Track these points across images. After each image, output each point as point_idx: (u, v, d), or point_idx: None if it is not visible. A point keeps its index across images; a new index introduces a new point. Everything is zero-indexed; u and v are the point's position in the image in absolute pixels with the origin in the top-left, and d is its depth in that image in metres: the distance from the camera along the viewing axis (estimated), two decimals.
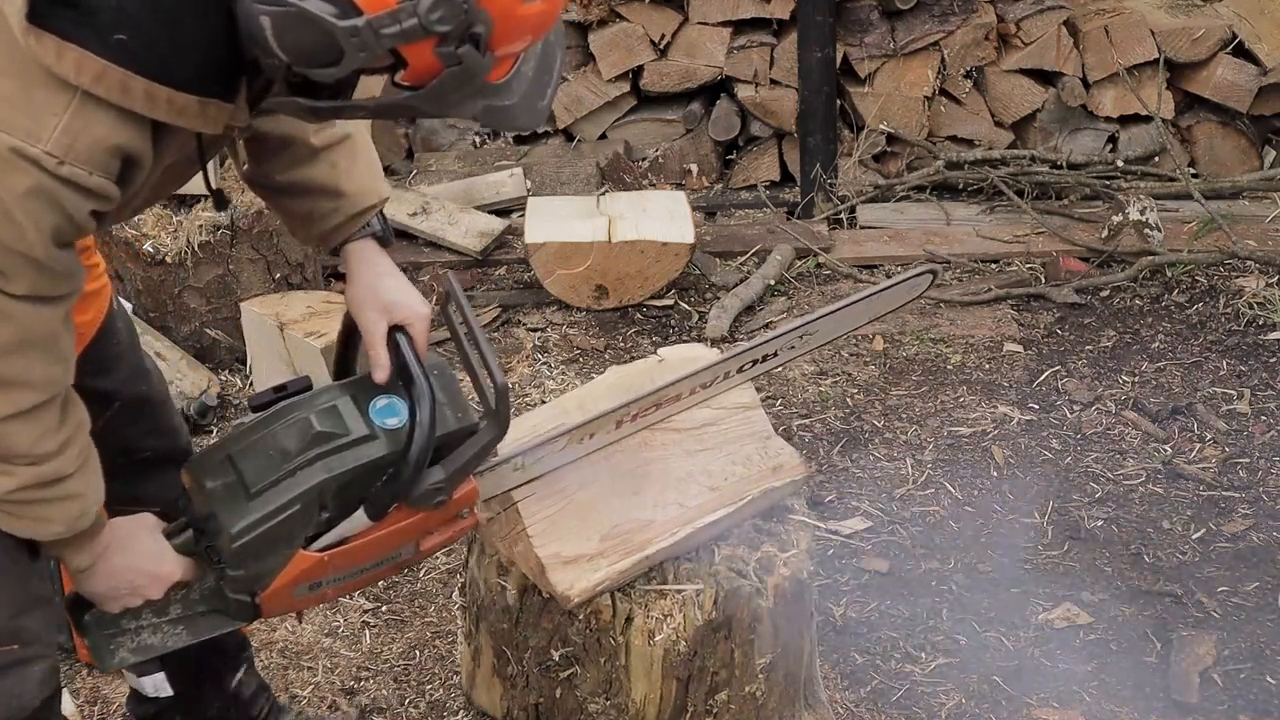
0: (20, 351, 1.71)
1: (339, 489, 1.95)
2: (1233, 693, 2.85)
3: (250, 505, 1.93)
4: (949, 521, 3.39)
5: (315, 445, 1.94)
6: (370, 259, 2.10)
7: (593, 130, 5.30)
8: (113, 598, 1.97)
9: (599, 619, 2.34)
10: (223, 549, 1.95)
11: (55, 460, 1.78)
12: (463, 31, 1.58)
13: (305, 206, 2.10)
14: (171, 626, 2.03)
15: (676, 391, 2.46)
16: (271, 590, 1.99)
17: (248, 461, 1.95)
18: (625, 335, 4.31)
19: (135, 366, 2.28)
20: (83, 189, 1.65)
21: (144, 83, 1.63)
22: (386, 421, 1.98)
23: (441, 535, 2.12)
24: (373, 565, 2.06)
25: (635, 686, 2.38)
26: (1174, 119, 5.14)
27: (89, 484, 1.85)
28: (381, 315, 2.05)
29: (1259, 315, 4.21)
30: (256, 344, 4.00)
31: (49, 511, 1.83)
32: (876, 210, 5.03)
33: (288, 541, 1.96)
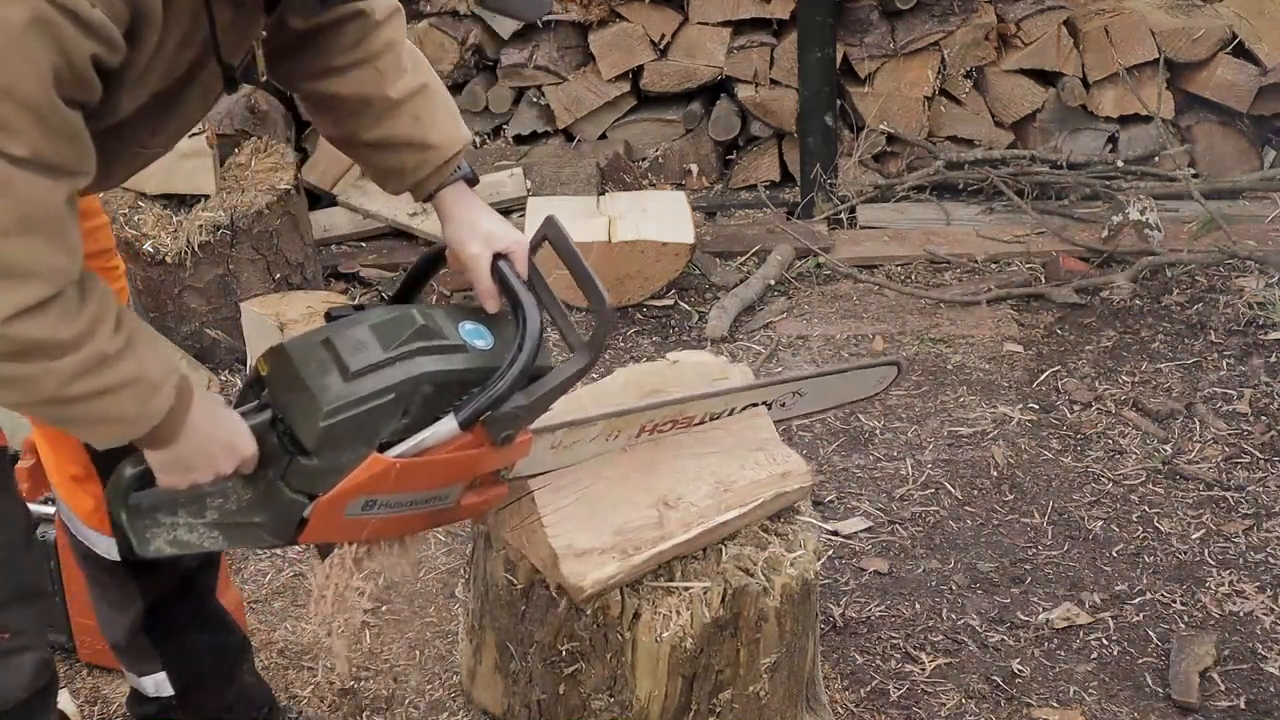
0: (22, 233, 1.57)
1: (430, 391, 1.94)
2: (1233, 693, 2.85)
3: (347, 386, 1.89)
4: (949, 521, 3.39)
5: (417, 339, 1.94)
6: (464, 199, 2.14)
7: (593, 130, 5.30)
8: (184, 469, 1.88)
9: (607, 614, 2.34)
10: (307, 431, 1.90)
11: (90, 342, 1.66)
12: None
13: (395, 161, 2.12)
14: (208, 529, 1.98)
15: (693, 411, 2.50)
16: (331, 495, 1.94)
17: (347, 345, 1.93)
18: (625, 335, 4.31)
19: None
20: (82, 21, 1.52)
21: None
22: (476, 342, 2.00)
23: (479, 495, 2.12)
24: (423, 499, 2.03)
25: (640, 683, 2.38)
26: (1174, 119, 5.15)
27: (145, 363, 1.73)
28: (485, 247, 2.09)
29: (1259, 315, 4.21)
30: (256, 344, 4.00)
31: (117, 403, 1.71)
32: (876, 210, 5.04)
33: (369, 436, 1.92)
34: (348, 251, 4.85)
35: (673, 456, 2.49)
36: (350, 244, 4.91)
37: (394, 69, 2.06)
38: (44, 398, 1.67)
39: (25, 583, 2.02)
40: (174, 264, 4.03)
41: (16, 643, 1.97)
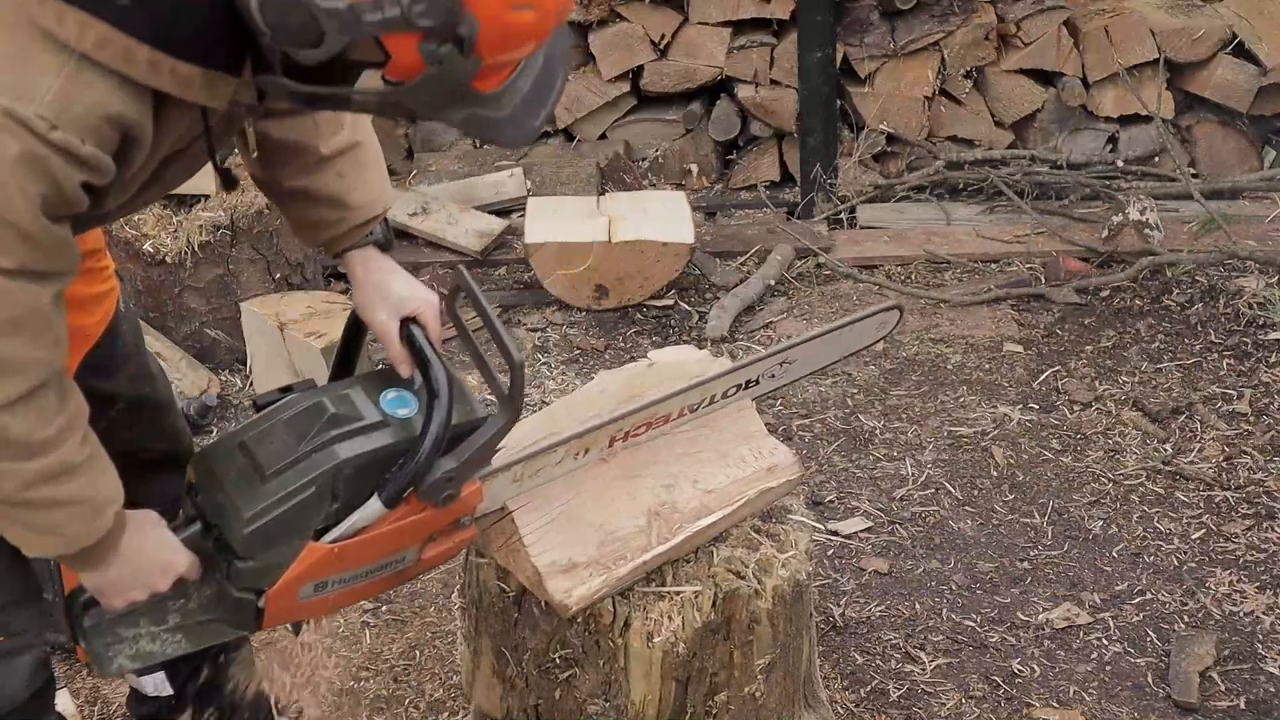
0: (8, 334, 1.64)
1: (352, 474, 1.93)
2: (1233, 693, 2.85)
3: (265, 488, 1.91)
4: (949, 521, 3.39)
5: (330, 428, 1.93)
6: (373, 264, 2.10)
7: (593, 130, 5.30)
8: (119, 592, 1.92)
9: (598, 622, 2.33)
10: (235, 536, 1.93)
11: (58, 449, 1.71)
12: (447, 30, 1.54)
13: (311, 214, 2.09)
14: (170, 634, 2.01)
15: (666, 410, 2.44)
16: (278, 587, 1.97)
17: (261, 446, 1.94)
18: (625, 335, 4.31)
19: (140, 369, 2.27)
20: (75, 158, 1.59)
21: (148, 50, 1.58)
22: (398, 412, 1.98)
23: (442, 545, 2.10)
24: (377, 568, 2.04)
25: (634, 688, 2.37)
26: (1174, 119, 5.15)
27: (98, 483, 1.79)
28: (392, 313, 2.05)
29: (1259, 315, 4.21)
30: (256, 344, 4.01)
31: (60, 516, 1.76)
32: (876, 210, 5.04)
33: (299, 530, 1.94)
34: None
35: (654, 460, 2.45)
36: None
37: (331, 122, 2.04)
38: (1, 497, 1.72)
39: (25, 585, 2.03)
40: (174, 264, 4.03)
41: (15, 644, 1.97)
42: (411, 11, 1.52)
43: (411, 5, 1.52)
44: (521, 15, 1.58)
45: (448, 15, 1.53)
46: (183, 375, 3.92)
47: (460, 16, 1.54)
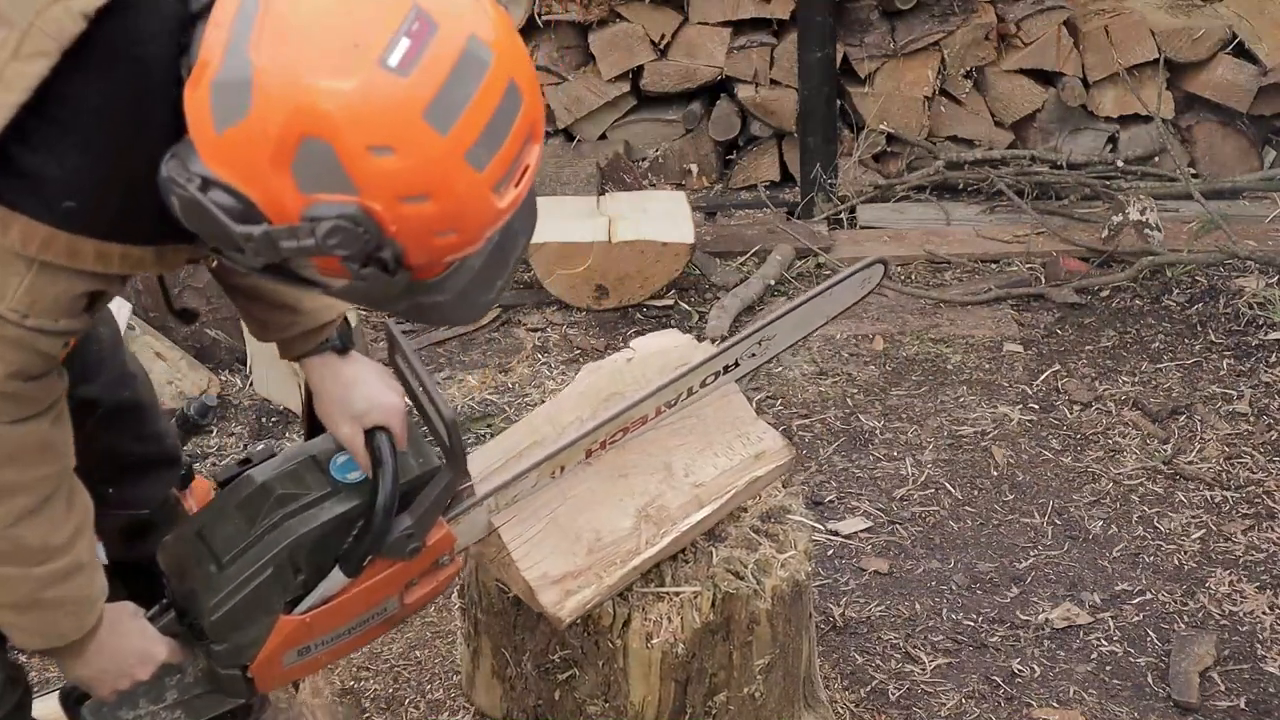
0: (10, 463, 1.70)
1: (309, 548, 1.94)
2: (1233, 693, 2.85)
3: (222, 576, 1.93)
4: (949, 521, 3.39)
5: (278, 508, 1.94)
6: (332, 372, 2.02)
7: (593, 130, 5.30)
8: (102, 681, 1.94)
9: (597, 623, 2.33)
10: (204, 624, 1.96)
11: (72, 551, 1.77)
12: (367, 255, 1.49)
13: (259, 314, 2.04)
14: (169, 712, 2.03)
15: (642, 413, 2.41)
16: (260, 661, 1.99)
17: (215, 534, 1.96)
18: (625, 335, 4.31)
19: (119, 371, 2.25)
20: (50, 333, 1.65)
21: (94, 244, 1.59)
22: (348, 476, 1.98)
23: (425, 587, 2.10)
24: (359, 624, 2.05)
25: (634, 689, 2.38)
26: (1174, 119, 5.15)
27: (96, 579, 1.84)
28: (355, 426, 1.98)
29: (1259, 315, 4.21)
30: (256, 344, 4.00)
31: (62, 614, 1.81)
32: (876, 210, 5.03)
33: (266, 608, 1.96)
34: None
35: (641, 458, 2.43)
36: None
37: None
38: (13, 600, 1.77)
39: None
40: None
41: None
42: (325, 243, 1.46)
43: (325, 238, 1.46)
44: (447, 239, 1.52)
45: (365, 246, 1.47)
46: (183, 375, 3.92)
47: (381, 244, 1.48)
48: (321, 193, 1.45)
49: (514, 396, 3.94)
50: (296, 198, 1.46)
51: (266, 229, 1.48)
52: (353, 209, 1.45)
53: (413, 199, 1.46)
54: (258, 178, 1.46)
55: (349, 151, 1.43)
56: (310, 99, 1.41)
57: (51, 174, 1.56)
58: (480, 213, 1.52)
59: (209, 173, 1.49)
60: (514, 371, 4.07)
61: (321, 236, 1.46)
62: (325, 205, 1.45)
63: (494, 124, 1.48)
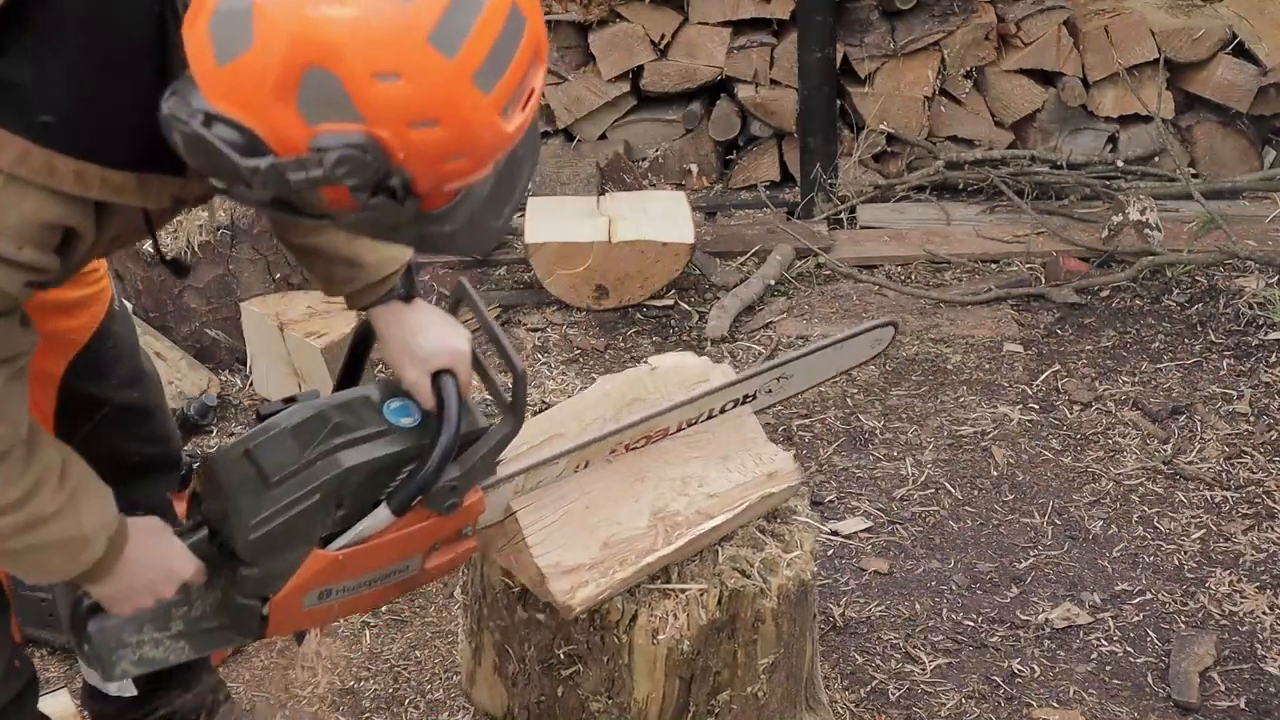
0: None
1: (358, 482, 1.94)
2: (1233, 693, 2.85)
3: (270, 495, 1.91)
4: (949, 521, 3.39)
5: (334, 436, 1.93)
6: (399, 318, 2.04)
7: (593, 130, 5.30)
8: (125, 598, 1.91)
9: (604, 618, 2.34)
10: (240, 544, 1.93)
11: (26, 507, 1.72)
12: (376, 184, 1.48)
13: (325, 270, 2.05)
14: (173, 641, 2.01)
15: (665, 424, 2.45)
16: (283, 595, 1.97)
17: (266, 454, 1.93)
18: (625, 335, 4.31)
19: (131, 372, 2.24)
20: (12, 263, 1.58)
21: (72, 162, 1.56)
22: (401, 421, 1.98)
23: (445, 555, 2.11)
24: (381, 577, 2.05)
25: (638, 685, 2.38)
26: (1174, 119, 5.15)
27: (81, 519, 1.79)
28: (422, 370, 1.99)
29: (1259, 315, 4.21)
30: (256, 344, 4.01)
31: (45, 557, 1.78)
32: (876, 210, 5.04)
33: (304, 537, 1.94)
34: None
35: (658, 464, 2.46)
36: None
37: None
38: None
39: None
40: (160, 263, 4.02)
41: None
42: (334, 173, 1.45)
43: (334, 168, 1.45)
44: (456, 164, 1.51)
45: (374, 174, 1.47)
46: (183, 375, 3.92)
47: (390, 172, 1.47)
48: (328, 122, 1.44)
49: None
50: (302, 129, 1.45)
51: (273, 161, 1.47)
52: (360, 137, 1.44)
53: (421, 125, 1.45)
54: (262, 110, 1.45)
55: (354, 79, 1.42)
56: (313, 28, 1.40)
57: (29, 84, 1.53)
58: (489, 137, 1.50)
59: (211, 108, 1.47)
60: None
61: (330, 166, 1.45)
62: (332, 135, 1.44)
63: (499, 46, 1.46)
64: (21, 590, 2.77)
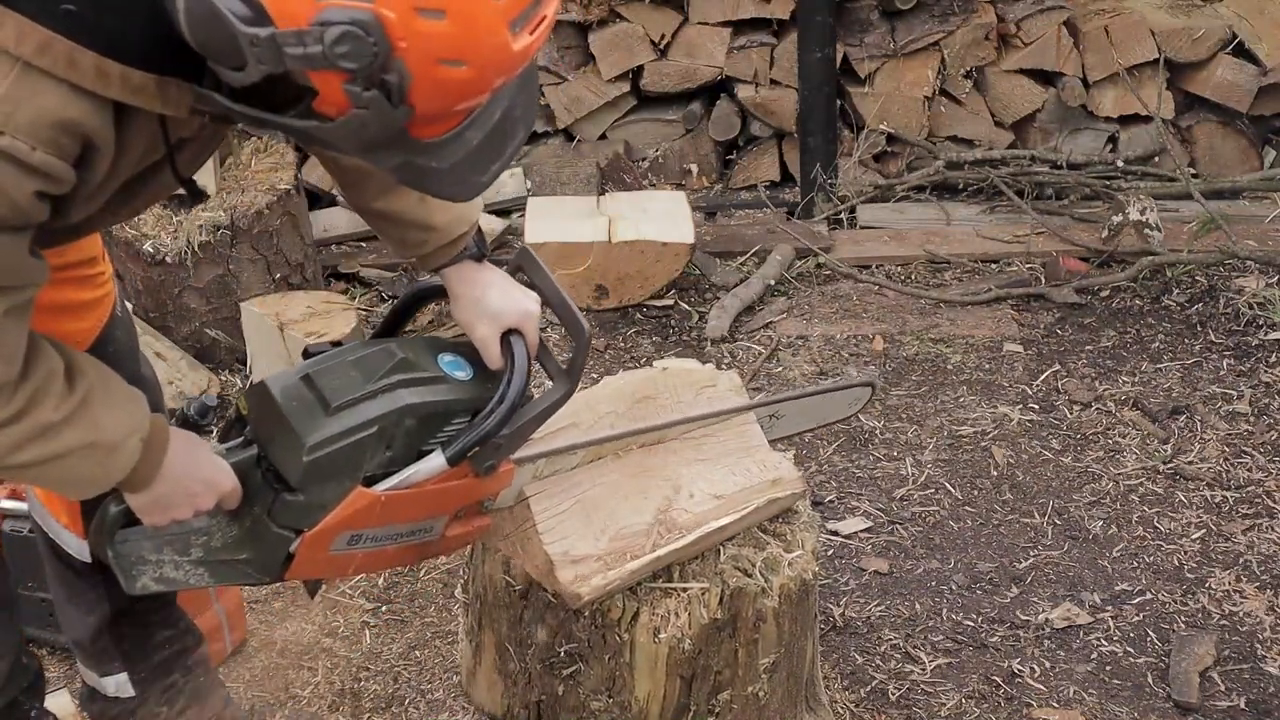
0: None
1: (411, 424, 1.94)
2: (1233, 693, 2.85)
3: (329, 421, 1.90)
4: (949, 521, 3.39)
5: (397, 372, 1.94)
6: (470, 277, 2.08)
7: (593, 130, 5.30)
8: (164, 508, 1.88)
9: (605, 616, 2.34)
10: (290, 467, 1.92)
11: (28, 417, 1.67)
12: (372, 74, 1.46)
13: (397, 234, 2.08)
14: (193, 566, 2.00)
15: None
16: (318, 530, 1.95)
17: (327, 380, 1.93)
18: (625, 335, 4.31)
19: (131, 377, 2.20)
20: (24, 165, 1.51)
21: (93, 56, 1.51)
22: (455, 374, 2.01)
23: (464, 525, 2.13)
24: (408, 533, 2.05)
25: (639, 684, 2.38)
26: (1174, 119, 5.15)
27: (101, 426, 1.73)
28: (493, 327, 2.04)
29: (1259, 315, 4.21)
30: (256, 344, 4.01)
31: (70, 467, 1.72)
32: (876, 210, 5.04)
33: (353, 470, 1.93)
34: (348, 251, 4.85)
35: (666, 463, 2.48)
36: (350, 244, 4.90)
37: None
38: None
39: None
40: (174, 264, 4.03)
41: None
42: (333, 51, 1.43)
43: (333, 45, 1.42)
44: (455, 71, 1.48)
45: (373, 61, 1.44)
46: (183, 375, 3.92)
47: (389, 63, 1.45)
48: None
49: None
50: (309, 1, 1.44)
51: (274, 31, 1.44)
52: (365, 15, 1.42)
53: (428, 13, 1.44)
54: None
55: None
56: None
57: None
58: (493, 47, 1.48)
59: None
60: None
61: (330, 43, 1.42)
62: (338, 10, 1.43)
63: None
64: (22, 590, 2.77)
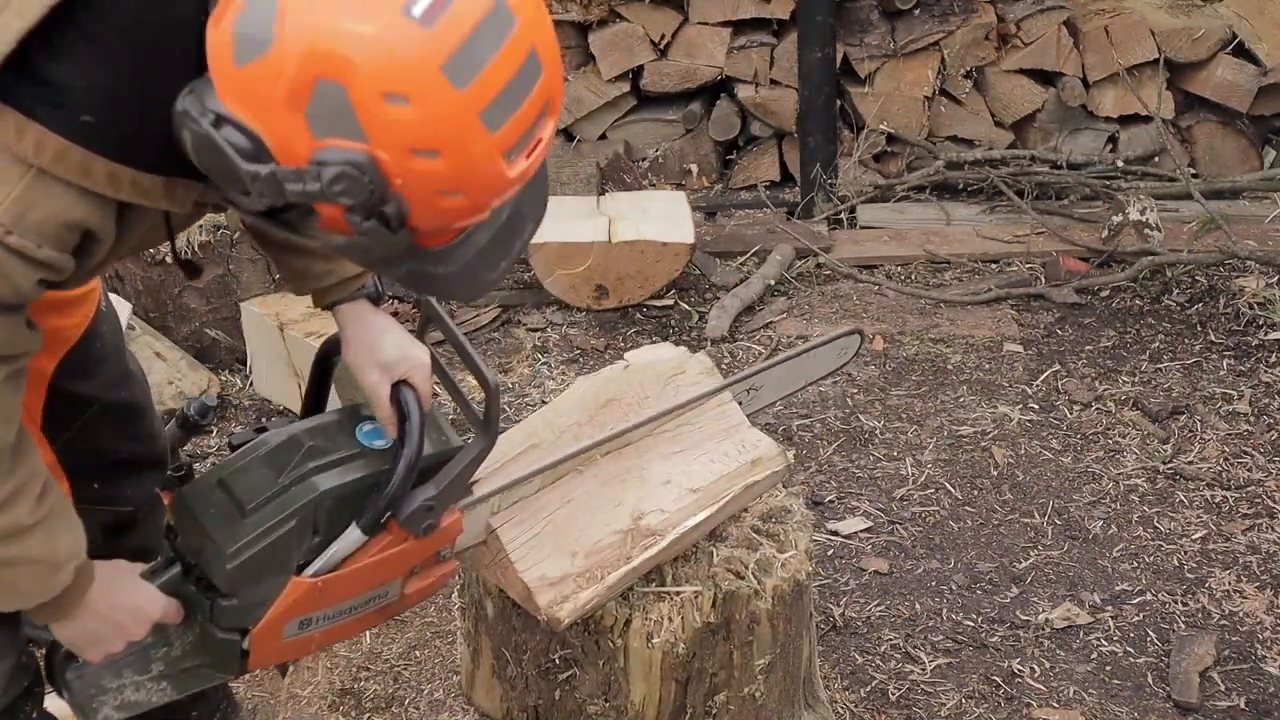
0: None
1: (332, 506, 1.93)
2: (1233, 693, 2.85)
3: (246, 523, 1.90)
4: (949, 521, 3.39)
5: (307, 460, 1.93)
6: (364, 319, 2.02)
7: (593, 130, 5.30)
8: (94, 642, 1.89)
9: (598, 623, 2.34)
10: (217, 574, 1.93)
11: (8, 513, 1.70)
12: (371, 207, 1.47)
13: (299, 264, 2.03)
14: (155, 683, 2.00)
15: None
16: (262, 625, 1.96)
17: (239, 483, 1.93)
18: (625, 335, 4.31)
19: (118, 371, 2.23)
20: (30, 260, 1.58)
21: (106, 163, 1.57)
22: (374, 443, 1.97)
23: (424, 579, 2.10)
24: (360, 604, 2.04)
25: (634, 688, 2.38)
26: (1174, 119, 5.15)
27: (56, 541, 1.76)
28: (383, 375, 1.98)
29: (1259, 315, 4.21)
30: (256, 344, 4.01)
31: (17, 576, 1.74)
32: (876, 210, 5.04)
33: (282, 565, 1.94)
34: None
35: (638, 463, 2.44)
36: None
37: None
38: None
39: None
40: (174, 264, 4.02)
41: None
42: (330, 189, 1.45)
43: (330, 184, 1.45)
44: (453, 200, 1.50)
45: (369, 197, 1.46)
46: (183, 375, 3.92)
47: (386, 196, 1.47)
48: (332, 137, 1.45)
49: (514, 396, 3.94)
50: (307, 140, 1.46)
51: (274, 169, 1.47)
52: (361, 156, 1.44)
53: (423, 153, 1.45)
54: (271, 116, 1.46)
55: (363, 97, 1.42)
56: (329, 41, 1.41)
57: (73, 84, 1.54)
58: (489, 177, 1.50)
59: (224, 109, 1.48)
60: (514, 371, 4.07)
61: (327, 182, 1.45)
62: (334, 150, 1.45)
63: (512, 87, 1.46)
64: None
